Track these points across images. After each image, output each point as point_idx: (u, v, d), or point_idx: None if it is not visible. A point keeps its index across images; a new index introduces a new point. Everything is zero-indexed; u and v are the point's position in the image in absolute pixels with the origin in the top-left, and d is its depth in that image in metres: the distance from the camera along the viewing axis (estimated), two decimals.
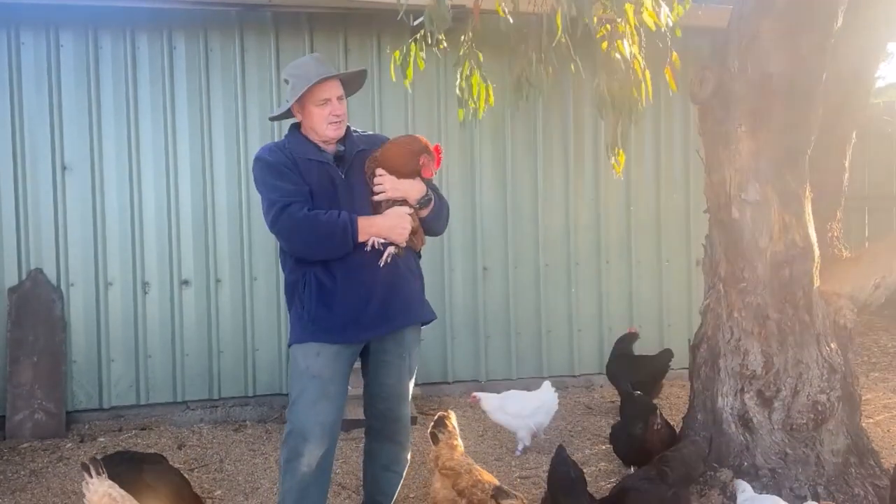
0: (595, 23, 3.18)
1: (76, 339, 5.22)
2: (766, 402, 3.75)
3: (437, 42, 3.71)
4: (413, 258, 3.24)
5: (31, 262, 5.16)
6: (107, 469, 2.94)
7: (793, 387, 3.72)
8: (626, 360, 5.25)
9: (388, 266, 3.06)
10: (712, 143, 3.83)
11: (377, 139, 3.31)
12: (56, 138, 5.17)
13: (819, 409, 3.71)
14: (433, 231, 3.30)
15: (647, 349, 5.47)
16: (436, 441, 3.43)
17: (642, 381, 4.93)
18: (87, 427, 5.17)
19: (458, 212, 5.35)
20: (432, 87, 5.63)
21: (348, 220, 2.98)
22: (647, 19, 3.41)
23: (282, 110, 3.22)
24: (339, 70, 3.86)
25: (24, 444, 4.87)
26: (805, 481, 3.67)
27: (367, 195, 3.11)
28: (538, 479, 4.11)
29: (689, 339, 4.39)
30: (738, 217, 3.74)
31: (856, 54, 4.38)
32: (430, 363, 5.62)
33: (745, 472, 3.72)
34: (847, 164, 4.59)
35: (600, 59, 3.64)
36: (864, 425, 4.06)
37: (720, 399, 3.87)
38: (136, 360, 5.30)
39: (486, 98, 4.14)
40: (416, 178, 3.14)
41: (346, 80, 3.21)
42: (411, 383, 3.33)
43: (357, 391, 3.36)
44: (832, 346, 3.79)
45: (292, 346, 3.13)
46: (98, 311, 5.25)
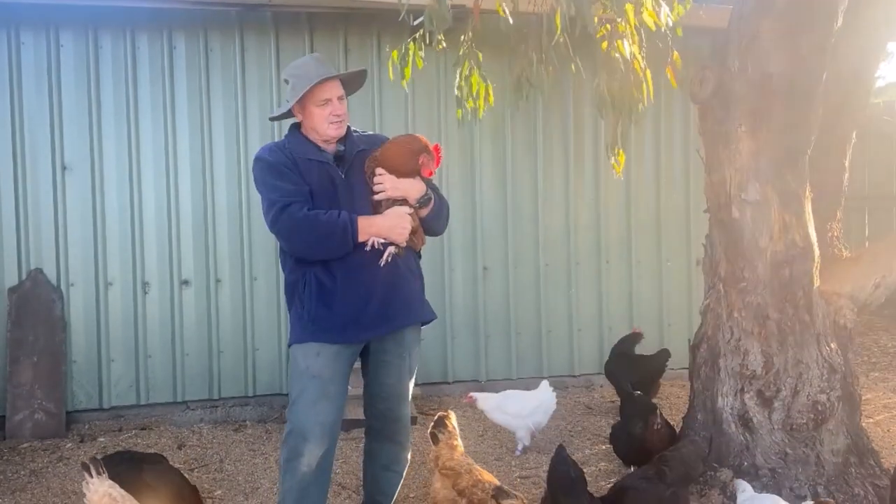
0: (595, 23, 3.18)
1: (76, 339, 5.22)
2: (766, 402, 3.75)
3: (436, 42, 3.71)
4: (413, 258, 3.23)
5: (31, 262, 5.16)
6: (107, 469, 2.94)
7: (793, 387, 3.72)
8: (625, 360, 5.26)
9: (388, 266, 3.05)
10: (712, 143, 3.83)
11: (377, 139, 3.30)
12: (56, 138, 5.17)
13: (819, 408, 3.71)
14: (433, 231, 3.30)
15: (647, 349, 5.47)
16: (436, 441, 3.43)
17: (639, 380, 4.95)
18: (87, 427, 5.17)
19: (458, 212, 5.35)
20: (432, 87, 5.63)
21: (348, 220, 2.98)
22: (647, 19, 3.42)
23: (282, 111, 3.22)
24: (339, 70, 3.86)
25: (24, 444, 4.87)
26: (805, 481, 3.67)
27: (367, 195, 3.11)
28: (538, 478, 4.11)
29: (689, 339, 4.39)
30: (738, 217, 3.74)
31: (856, 54, 4.38)
32: (430, 363, 5.61)
33: (745, 471, 3.72)
34: (847, 164, 4.58)
35: (600, 59, 3.64)
36: (864, 425, 4.06)
37: (720, 399, 3.87)
38: (136, 360, 5.30)
39: (485, 97, 4.14)
40: (416, 178, 3.14)
41: (347, 79, 3.21)
42: (411, 383, 3.33)
43: (357, 391, 3.36)
44: (832, 345, 3.79)
45: (292, 346, 3.13)
46: (98, 311, 5.25)
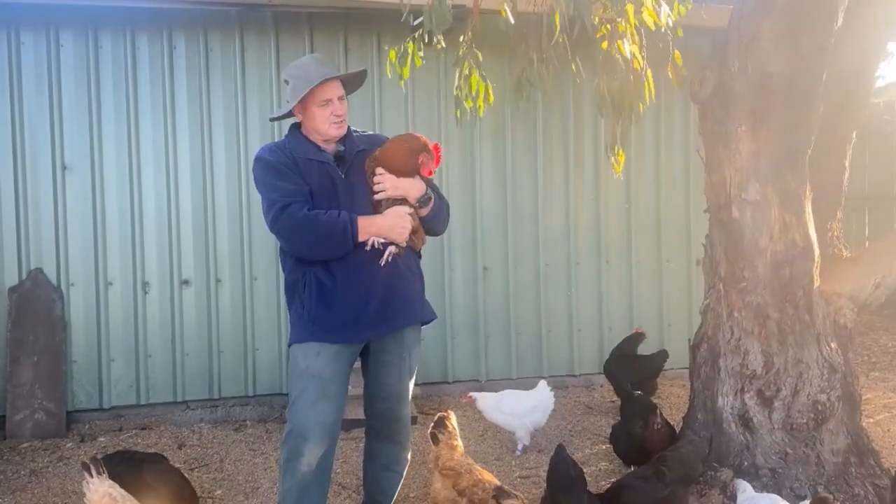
0: (595, 22, 3.18)
1: (76, 339, 5.22)
2: (766, 402, 3.75)
3: (436, 42, 3.70)
4: (413, 258, 3.23)
5: (32, 261, 5.16)
6: (107, 468, 2.94)
7: (793, 386, 3.72)
8: (624, 360, 5.27)
9: (388, 266, 3.05)
10: (712, 143, 3.83)
11: (377, 139, 3.30)
12: (56, 138, 5.17)
13: (819, 408, 3.71)
14: (433, 230, 3.30)
15: (647, 349, 5.47)
16: (436, 441, 3.43)
17: (638, 380, 4.98)
18: (87, 427, 5.17)
19: (458, 211, 5.35)
20: (432, 87, 5.63)
21: (348, 220, 2.98)
22: (648, 19, 3.41)
23: (283, 111, 3.22)
24: (339, 70, 3.85)
25: (25, 444, 4.87)
26: (805, 481, 3.67)
27: (367, 195, 3.11)
28: (538, 478, 4.11)
29: (689, 339, 4.39)
30: (738, 217, 3.74)
31: (856, 54, 4.38)
32: (430, 363, 5.62)
33: (746, 471, 3.72)
34: (847, 164, 4.58)
35: (600, 59, 3.64)
36: (864, 425, 4.06)
37: (720, 399, 3.87)
38: (137, 360, 5.30)
39: (485, 97, 4.14)
40: (416, 177, 3.14)
41: (347, 79, 3.21)
42: (411, 383, 3.33)
43: (357, 391, 3.36)
44: (832, 345, 3.79)
45: (292, 345, 3.13)
46: (98, 310, 5.24)
